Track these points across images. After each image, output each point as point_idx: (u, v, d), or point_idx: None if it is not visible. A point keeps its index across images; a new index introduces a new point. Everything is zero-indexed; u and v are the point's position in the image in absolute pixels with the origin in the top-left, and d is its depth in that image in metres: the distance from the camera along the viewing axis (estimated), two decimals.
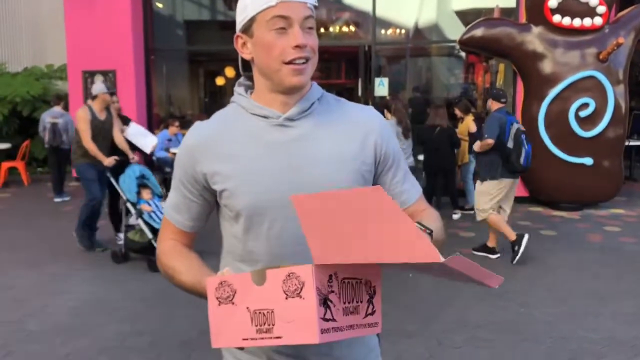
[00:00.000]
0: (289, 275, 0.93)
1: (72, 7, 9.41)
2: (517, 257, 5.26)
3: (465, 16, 9.56)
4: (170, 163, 8.64)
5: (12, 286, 4.82)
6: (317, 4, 1.24)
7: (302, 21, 1.19)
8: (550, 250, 5.84)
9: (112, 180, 5.65)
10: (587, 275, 5.08)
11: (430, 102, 9.97)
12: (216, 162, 1.24)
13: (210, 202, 1.31)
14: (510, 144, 5.18)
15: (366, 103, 10.13)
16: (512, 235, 5.31)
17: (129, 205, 5.40)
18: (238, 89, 1.33)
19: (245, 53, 1.26)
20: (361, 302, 1.00)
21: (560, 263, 5.39)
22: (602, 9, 7.22)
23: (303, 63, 1.20)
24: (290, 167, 1.22)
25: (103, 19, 9.24)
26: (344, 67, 12.19)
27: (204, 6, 10.93)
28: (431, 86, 11.40)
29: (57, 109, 8.72)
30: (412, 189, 1.38)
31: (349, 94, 10.55)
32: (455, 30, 9.31)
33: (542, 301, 4.46)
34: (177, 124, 8.96)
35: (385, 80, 9.05)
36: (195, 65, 12.54)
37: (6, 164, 9.83)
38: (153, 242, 5.00)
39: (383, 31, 9.79)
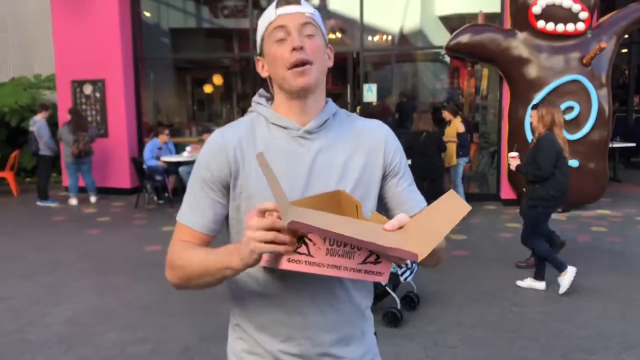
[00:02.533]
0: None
1: (59, 16, 9.42)
2: None
3: (449, 21, 9.73)
4: (160, 171, 8.64)
5: (9, 297, 4.82)
6: (314, 12, 1.33)
7: (299, 28, 1.28)
8: None
9: None
10: (576, 274, 5.19)
11: (416, 107, 10.09)
12: (239, 163, 1.31)
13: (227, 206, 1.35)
14: None
15: (354, 109, 10.24)
16: None
17: None
18: (259, 99, 1.41)
19: (263, 72, 1.36)
20: (359, 249, 1.05)
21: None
22: (584, 14, 7.39)
23: (303, 65, 1.27)
24: (305, 175, 1.31)
25: (91, 28, 9.25)
26: (333, 74, 12.30)
27: (190, 14, 10.99)
28: (417, 91, 11.54)
29: (37, 117, 8.89)
30: (417, 197, 1.44)
31: (338, 100, 10.64)
32: (440, 36, 9.47)
33: (532, 301, 4.57)
34: (167, 132, 8.98)
35: (374, 87, 9.17)
36: (182, 73, 12.58)
37: None
38: (387, 288, 4.21)
39: (370, 38, 9.92)
